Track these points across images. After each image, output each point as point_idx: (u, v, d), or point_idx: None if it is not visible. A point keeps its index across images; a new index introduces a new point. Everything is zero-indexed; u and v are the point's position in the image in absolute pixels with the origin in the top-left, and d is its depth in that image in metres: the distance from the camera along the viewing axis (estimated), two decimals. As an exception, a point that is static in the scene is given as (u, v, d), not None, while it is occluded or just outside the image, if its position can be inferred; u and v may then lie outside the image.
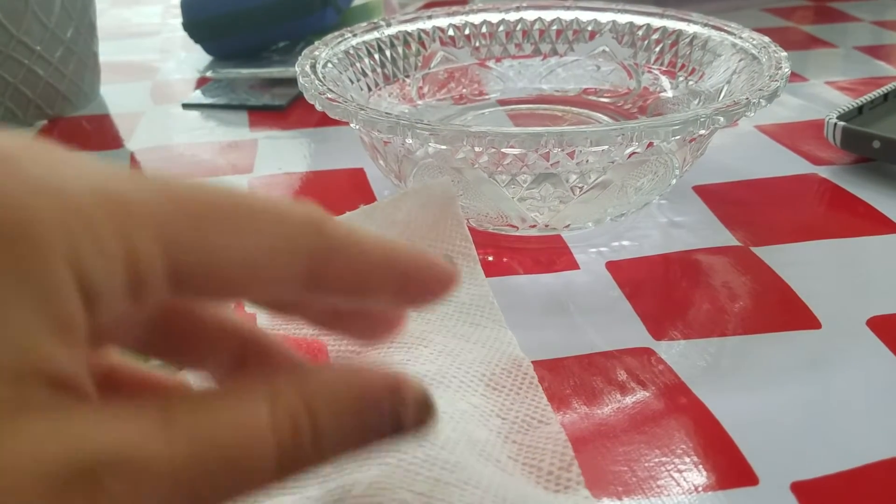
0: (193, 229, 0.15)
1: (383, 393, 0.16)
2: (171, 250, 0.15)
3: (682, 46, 0.44)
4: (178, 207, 0.15)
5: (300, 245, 0.16)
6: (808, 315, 0.31)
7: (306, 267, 0.16)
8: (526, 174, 0.33)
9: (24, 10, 0.50)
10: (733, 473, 0.24)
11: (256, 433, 0.15)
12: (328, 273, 0.16)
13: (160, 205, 0.15)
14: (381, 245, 0.17)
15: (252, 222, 0.16)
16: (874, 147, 0.41)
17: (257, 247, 0.15)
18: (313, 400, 0.15)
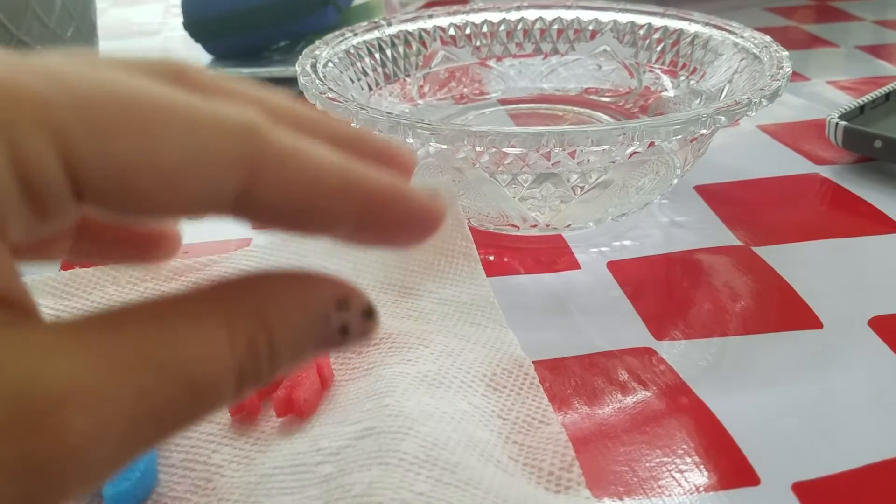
0: (97, 130, 0.13)
1: (332, 305, 0.15)
2: (69, 152, 0.12)
3: (683, 46, 0.44)
4: (80, 102, 0.13)
5: (230, 151, 0.13)
6: (809, 315, 0.31)
7: (236, 184, 0.14)
8: (527, 174, 0.33)
9: (24, 9, 0.50)
10: (734, 473, 0.24)
11: (217, 359, 0.14)
12: (265, 192, 0.14)
13: (56, 97, 0.12)
14: (339, 164, 0.15)
15: (172, 124, 0.13)
16: (876, 146, 0.41)
17: (176, 152, 0.13)
18: (268, 318, 0.15)
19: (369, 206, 0.15)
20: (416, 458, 0.22)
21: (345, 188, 0.15)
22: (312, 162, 0.14)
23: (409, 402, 0.24)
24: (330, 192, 0.14)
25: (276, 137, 0.14)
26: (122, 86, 0.13)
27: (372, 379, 0.26)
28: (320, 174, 0.14)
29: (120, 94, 0.13)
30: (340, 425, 0.24)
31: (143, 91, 0.13)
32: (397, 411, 0.24)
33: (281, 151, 0.14)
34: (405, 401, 0.24)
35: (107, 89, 0.13)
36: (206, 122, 0.13)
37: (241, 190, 0.14)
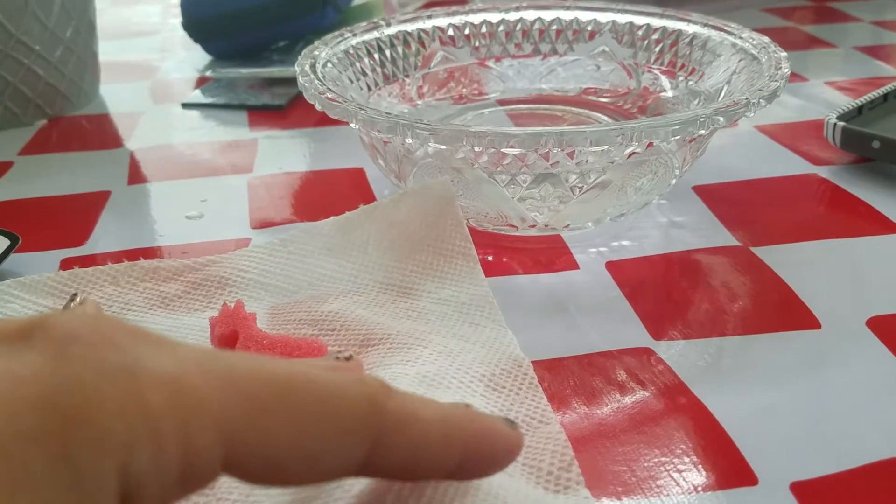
0: (254, 421, 0.15)
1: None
2: (230, 442, 0.15)
3: (681, 46, 0.44)
4: (241, 398, 0.15)
5: (360, 434, 0.16)
6: (807, 315, 0.31)
7: (365, 453, 0.16)
8: (526, 174, 0.33)
9: (23, 9, 0.50)
10: (733, 473, 0.24)
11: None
12: (385, 454, 0.16)
13: (224, 397, 0.15)
14: (441, 420, 0.17)
15: (312, 410, 0.15)
16: (874, 147, 0.41)
17: (316, 438, 0.15)
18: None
19: (467, 453, 0.17)
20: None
21: (447, 442, 0.17)
22: (422, 423, 0.17)
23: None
24: (436, 446, 0.17)
25: (392, 406, 0.16)
26: (275, 372, 0.15)
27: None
28: (428, 434, 0.17)
29: (278, 387, 0.15)
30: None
31: (294, 380, 0.15)
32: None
33: (397, 419, 0.16)
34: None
35: (267, 383, 0.15)
36: (341, 403, 0.16)
37: (365, 457, 0.16)
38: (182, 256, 0.36)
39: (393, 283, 0.32)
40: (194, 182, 0.45)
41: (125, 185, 0.45)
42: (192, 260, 0.34)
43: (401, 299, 0.31)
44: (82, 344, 0.14)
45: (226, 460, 0.15)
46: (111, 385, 0.14)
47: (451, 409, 0.17)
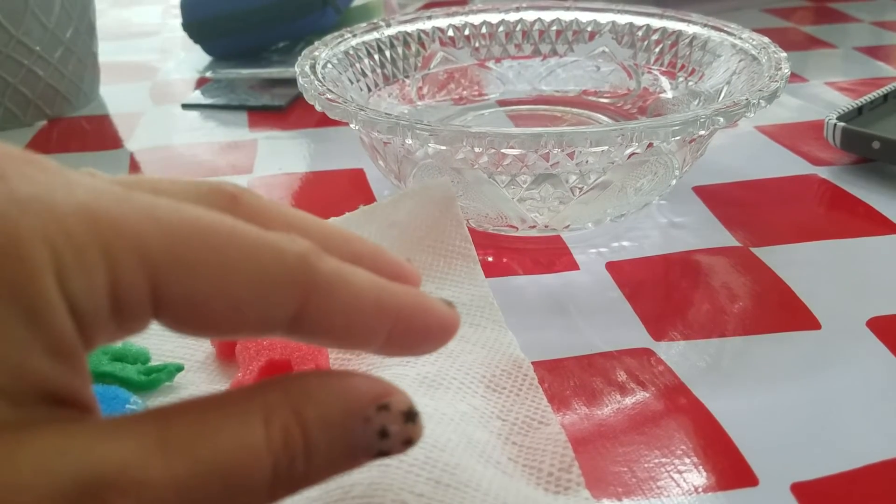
0: (179, 261, 0.14)
1: (371, 406, 0.16)
2: (155, 279, 0.14)
3: (681, 47, 0.44)
4: (165, 236, 0.14)
5: (289, 281, 0.15)
6: (807, 316, 0.31)
7: (293, 309, 0.16)
8: (526, 175, 0.33)
9: (23, 10, 0.50)
10: (733, 474, 0.24)
11: (253, 452, 0.15)
12: (314, 315, 0.16)
13: (147, 230, 0.14)
14: (374, 286, 0.17)
15: (242, 257, 0.15)
16: (874, 148, 0.41)
17: (243, 286, 0.15)
18: (305, 415, 0.15)
19: (398, 322, 0.17)
20: (415, 459, 0.22)
21: (379, 308, 0.16)
22: (353, 286, 0.16)
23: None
24: (367, 312, 0.16)
25: (324, 265, 0.16)
26: (203, 220, 0.15)
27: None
28: (359, 297, 0.16)
29: (201, 229, 0.15)
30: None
31: (219, 225, 0.15)
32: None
33: (328, 278, 0.16)
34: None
35: (190, 223, 0.15)
36: (269, 254, 0.15)
37: (295, 314, 0.16)
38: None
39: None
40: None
41: (125, 186, 0.45)
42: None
43: (401, 300, 0.31)
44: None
45: (153, 297, 0.14)
46: (29, 216, 0.13)
47: (382, 281, 0.17)
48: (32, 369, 0.13)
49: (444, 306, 0.18)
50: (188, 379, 0.28)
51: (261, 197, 0.18)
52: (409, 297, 0.17)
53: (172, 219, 0.15)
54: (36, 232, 0.13)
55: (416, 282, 0.19)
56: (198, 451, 0.14)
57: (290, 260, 0.15)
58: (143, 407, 0.25)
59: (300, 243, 0.16)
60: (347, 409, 0.16)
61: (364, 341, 0.17)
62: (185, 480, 0.14)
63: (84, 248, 0.14)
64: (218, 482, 0.14)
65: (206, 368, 0.28)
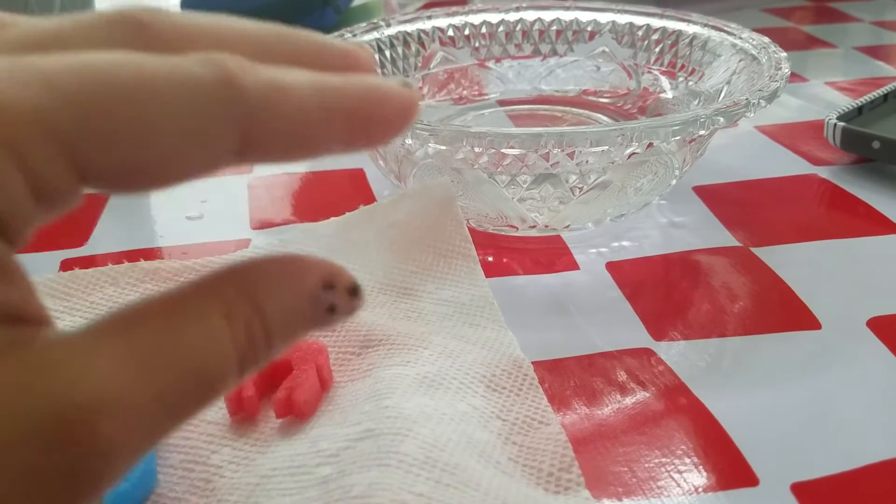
0: (91, 130, 0.13)
1: (319, 287, 0.16)
2: (72, 152, 0.13)
3: (681, 47, 0.44)
4: (64, 102, 0.13)
5: (220, 118, 0.14)
6: (807, 315, 0.31)
7: (233, 140, 0.14)
8: (526, 175, 0.33)
9: (23, 9, 0.50)
10: (733, 474, 0.24)
11: (220, 349, 0.15)
12: (259, 137, 0.14)
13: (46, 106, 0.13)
14: (315, 89, 0.15)
15: (160, 102, 0.13)
16: (874, 147, 0.41)
17: (169, 134, 0.14)
18: (261, 305, 0.15)
19: (352, 120, 0.15)
20: (415, 459, 0.22)
21: (327, 110, 0.15)
22: (291, 95, 0.15)
23: (408, 403, 0.24)
24: (314, 119, 0.15)
25: (254, 82, 0.14)
26: (104, 72, 0.13)
27: (371, 380, 0.26)
28: (301, 106, 0.15)
29: (106, 83, 0.13)
30: (340, 427, 0.24)
31: (123, 72, 0.14)
32: (397, 413, 0.24)
33: (260, 95, 0.14)
34: (405, 402, 0.24)
35: (91, 81, 0.13)
36: (185, 88, 0.14)
37: (238, 143, 0.14)
38: (182, 257, 0.36)
39: (393, 284, 0.32)
40: (194, 183, 0.44)
41: (125, 186, 0.45)
42: (192, 261, 0.34)
43: (401, 300, 0.31)
44: None
45: (78, 172, 0.13)
46: None
47: (329, 76, 0.16)
48: None
49: (399, 87, 0.16)
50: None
51: (171, 14, 0.16)
52: (356, 89, 0.16)
53: (72, 83, 0.13)
54: None
55: (368, 66, 0.17)
56: (169, 358, 0.14)
57: (213, 86, 0.14)
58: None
59: (217, 63, 0.14)
60: (298, 293, 0.16)
61: (322, 147, 0.16)
62: (163, 389, 0.14)
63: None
64: (193, 385, 0.14)
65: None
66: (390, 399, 0.24)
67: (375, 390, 0.25)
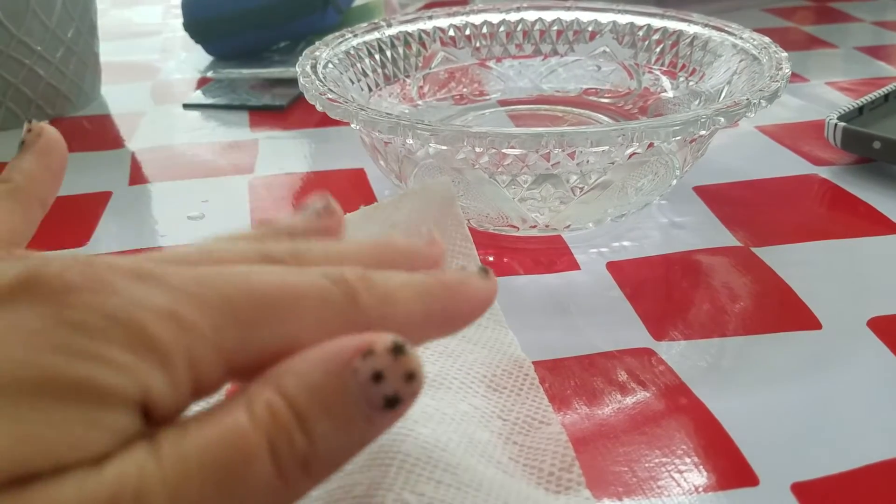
0: (245, 336, 0.16)
1: (354, 355, 0.15)
2: (229, 359, 0.16)
3: (682, 47, 0.44)
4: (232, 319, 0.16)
5: (339, 327, 0.17)
6: (808, 315, 0.31)
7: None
8: (526, 175, 0.33)
9: (24, 9, 0.50)
10: (734, 474, 0.24)
11: (239, 434, 0.15)
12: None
13: (218, 324, 0.16)
14: (418, 297, 0.18)
15: (294, 310, 0.17)
16: (875, 147, 0.41)
17: (301, 336, 0.16)
18: (284, 385, 0.15)
19: (445, 317, 0.19)
20: (416, 459, 0.22)
21: (428, 315, 0.18)
22: (401, 308, 0.18)
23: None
24: (419, 324, 0.18)
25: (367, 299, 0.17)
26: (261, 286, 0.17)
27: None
28: (409, 315, 0.18)
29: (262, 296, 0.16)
30: (341, 426, 0.24)
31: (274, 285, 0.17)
32: (397, 412, 0.24)
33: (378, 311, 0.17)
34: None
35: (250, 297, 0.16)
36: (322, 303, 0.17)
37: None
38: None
39: (394, 284, 0.32)
40: (195, 183, 0.45)
41: (126, 186, 0.45)
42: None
43: (402, 300, 0.31)
44: (81, 292, 0.15)
45: (228, 372, 0.16)
46: (117, 327, 0.15)
47: (423, 282, 0.18)
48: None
49: (482, 282, 0.19)
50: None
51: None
52: (449, 289, 0.19)
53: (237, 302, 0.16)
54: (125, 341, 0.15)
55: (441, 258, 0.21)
56: (184, 448, 0.14)
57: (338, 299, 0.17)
58: None
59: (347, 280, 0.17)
60: (328, 368, 0.15)
61: (419, 342, 0.18)
62: (178, 480, 0.14)
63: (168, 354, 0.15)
64: (212, 474, 0.14)
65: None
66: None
67: (376, 390, 0.25)
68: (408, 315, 0.18)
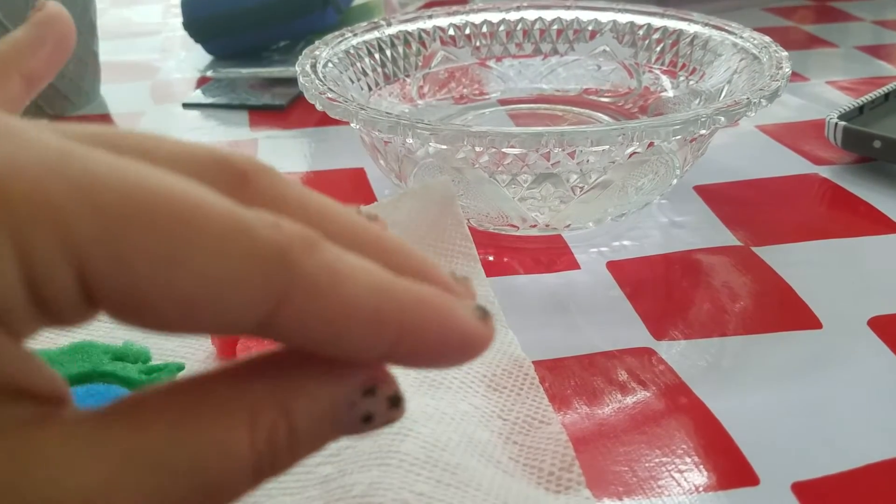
0: (111, 249, 0.12)
1: (358, 392, 0.14)
2: (81, 262, 0.12)
3: (682, 46, 0.44)
4: (99, 215, 0.12)
5: (258, 289, 0.12)
6: (808, 315, 0.31)
7: (261, 312, 0.13)
8: (526, 174, 0.33)
9: (24, 9, 0.50)
10: (734, 473, 0.24)
11: (235, 457, 0.13)
12: (290, 321, 0.13)
13: (75, 209, 0.12)
14: (377, 290, 0.13)
15: (197, 243, 0.12)
16: (875, 147, 0.41)
17: (195, 278, 0.12)
18: (292, 408, 0.14)
19: (403, 335, 0.14)
20: (416, 458, 0.22)
21: (377, 318, 0.13)
22: (347, 289, 0.13)
23: (409, 403, 0.24)
24: (360, 322, 0.13)
25: (312, 263, 0.13)
26: (153, 188, 0.12)
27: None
28: (352, 303, 0.13)
29: (153, 207, 0.12)
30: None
31: (173, 196, 0.12)
32: (397, 412, 0.24)
33: (315, 280, 0.13)
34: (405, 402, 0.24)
35: (140, 199, 0.12)
36: (237, 244, 0.12)
37: (264, 317, 0.13)
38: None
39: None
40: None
41: (126, 186, 0.45)
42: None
43: (401, 299, 0.31)
44: None
45: (83, 288, 0.12)
46: None
47: (397, 281, 0.14)
48: None
49: (472, 318, 0.14)
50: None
51: (279, 177, 0.15)
52: (423, 305, 0.14)
53: (113, 192, 0.12)
54: None
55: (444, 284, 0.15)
56: (173, 461, 0.13)
57: (265, 252, 0.12)
58: None
59: (288, 230, 0.13)
60: (335, 398, 0.14)
61: (355, 353, 0.14)
62: (159, 494, 0.13)
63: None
64: (196, 492, 0.13)
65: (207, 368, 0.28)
66: (391, 398, 0.24)
67: (376, 390, 0.25)
68: (350, 303, 0.13)
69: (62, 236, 0.11)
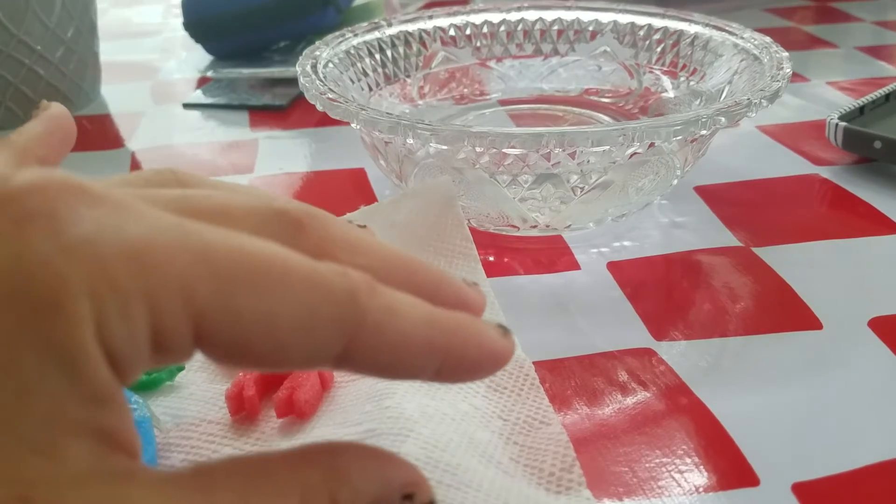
0: (224, 306, 0.14)
1: (398, 494, 0.17)
2: (199, 322, 0.14)
3: (683, 47, 0.44)
4: (214, 280, 0.14)
5: (335, 329, 0.15)
6: (809, 316, 0.31)
7: (338, 349, 0.16)
8: (527, 174, 0.33)
9: (24, 9, 0.50)
10: (734, 474, 0.24)
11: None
12: (361, 353, 0.16)
13: (196, 274, 0.14)
14: (426, 323, 0.16)
15: (284, 291, 0.15)
16: (875, 147, 0.41)
17: (289, 330, 0.15)
18: (337, 500, 0.16)
19: (448, 359, 0.17)
20: (416, 459, 0.22)
21: (429, 347, 0.16)
22: (403, 324, 0.16)
23: (409, 403, 0.24)
24: (415, 351, 0.16)
25: (374, 304, 0.16)
26: (256, 259, 0.15)
27: (372, 380, 0.26)
28: (408, 336, 0.16)
29: (253, 270, 0.15)
30: (341, 427, 0.24)
31: (271, 265, 0.15)
32: (398, 413, 0.24)
33: (377, 317, 0.16)
34: (406, 402, 0.24)
35: (242, 264, 0.15)
36: (318, 294, 0.15)
37: (340, 352, 0.16)
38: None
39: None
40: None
41: (126, 186, 0.45)
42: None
43: (402, 300, 0.31)
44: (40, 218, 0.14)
45: (196, 336, 0.15)
46: (74, 266, 0.13)
47: (441, 313, 0.17)
48: (68, 419, 0.14)
49: (498, 337, 0.17)
50: (189, 378, 0.28)
51: (327, 220, 0.18)
52: (461, 331, 0.17)
53: (224, 259, 0.15)
54: (80, 284, 0.13)
55: (479, 309, 0.19)
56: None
57: (339, 297, 0.15)
58: (145, 406, 0.25)
59: (352, 278, 0.16)
60: (378, 496, 0.16)
61: (411, 375, 0.17)
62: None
63: (127, 297, 0.14)
64: None
65: (206, 368, 0.28)
66: (391, 399, 0.24)
67: (376, 390, 0.25)
68: (407, 335, 0.16)
69: (187, 297, 0.14)
